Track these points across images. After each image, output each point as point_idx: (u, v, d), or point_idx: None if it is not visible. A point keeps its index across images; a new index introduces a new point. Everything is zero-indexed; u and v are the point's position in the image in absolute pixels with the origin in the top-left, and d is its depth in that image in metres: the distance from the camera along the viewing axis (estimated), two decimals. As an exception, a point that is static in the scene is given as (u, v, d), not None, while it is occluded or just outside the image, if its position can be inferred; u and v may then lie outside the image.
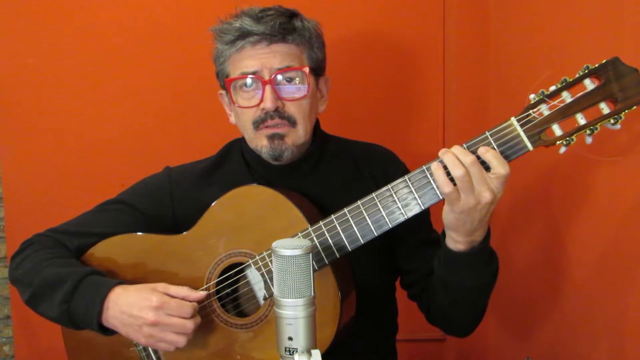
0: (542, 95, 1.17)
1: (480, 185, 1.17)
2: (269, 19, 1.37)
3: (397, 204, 1.25)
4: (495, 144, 1.19)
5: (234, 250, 1.37)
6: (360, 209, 1.27)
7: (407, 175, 1.24)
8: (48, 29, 1.99)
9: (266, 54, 1.37)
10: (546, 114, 1.16)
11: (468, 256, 1.27)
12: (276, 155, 1.40)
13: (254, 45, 1.38)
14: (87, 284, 1.33)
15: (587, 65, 1.14)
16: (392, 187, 1.25)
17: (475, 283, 1.32)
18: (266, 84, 1.36)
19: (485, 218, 1.22)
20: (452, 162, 1.17)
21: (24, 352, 2.13)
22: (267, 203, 1.35)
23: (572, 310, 1.59)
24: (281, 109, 1.38)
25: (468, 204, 1.18)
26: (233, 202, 1.38)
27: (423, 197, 1.23)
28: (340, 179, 1.50)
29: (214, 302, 1.38)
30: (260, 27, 1.36)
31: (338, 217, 1.28)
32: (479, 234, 1.25)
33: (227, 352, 1.37)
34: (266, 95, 1.36)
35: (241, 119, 1.43)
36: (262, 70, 1.37)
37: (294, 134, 1.40)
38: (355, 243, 1.28)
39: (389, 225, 1.26)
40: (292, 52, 1.39)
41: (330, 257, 1.29)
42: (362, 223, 1.27)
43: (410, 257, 1.50)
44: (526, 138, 1.17)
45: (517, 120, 1.18)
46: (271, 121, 1.38)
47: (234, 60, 1.41)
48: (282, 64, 1.37)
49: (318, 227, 1.29)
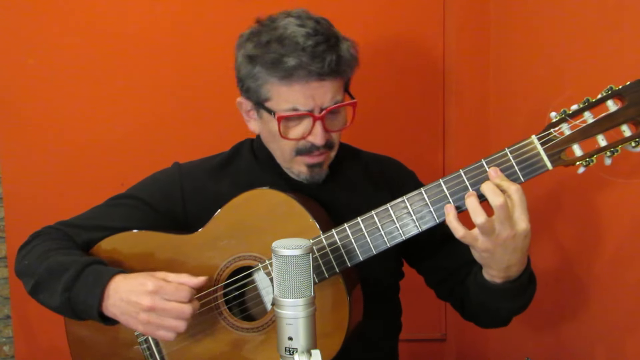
0: (564, 115, 1.15)
1: (501, 225, 1.13)
2: (323, 53, 1.30)
3: (412, 217, 1.23)
4: (514, 161, 1.17)
5: (244, 253, 1.36)
6: (374, 219, 1.25)
7: (424, 187, 1.23)
8: (48, 29, 1.99)
9: (318, 89, 1.33)
10: (567, 133, 1.15)
11: (503, 288, 1.25)
12: (315, 181, 1.42)
13: (307, 81, 1.31)
14: (89, 273, 1.31)
15: (610, 86, 1.13)
16: (408, 198, 1.23)
17: (512, 306, 1.32)
18: (317, 120, 1.34)
19: (516, 252, 1.17)
20: (493, 190, 1.13)
21: (24, 352, 2.13)
22: (280, 208, 1.33)
23: (572, 310, 1.59)
24: (328, 142, 1.38)
25: (487, 244, 1.15)
26: (245, 204, 1.37)
27: (439, 210, 1.21)
28: (351, 185, 1.49)
29: (221, 305, 1.36)
30: (316, 64, 1.30)
31: (351, 226, 1.27)
32: (516, 270, 1.22)
33: (232, 356, 1.36)
34: (317, 131, 1.34)
35: (280, 142, 1.39)
36: (314, 108, 1.34)
37: (329, 157, 1.42)
38: (367, 253, 1.26)
39: (403, 237, 1.24)
40: (339, 85, 1.37)
41: (342, 266, 1.27)
42: (375, 234, 1.25)
43: (434, 256, 1.47)
44: (546, 157, 1.16)
45: (537, 138, 1.16)
46: (317, 152, 1.37)
47: (281, 91, 1.34)
48: (332, 101, 1.34)
49: (330, 235, 1.28)
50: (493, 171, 1.17)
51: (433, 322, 2.15)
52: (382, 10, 2.03)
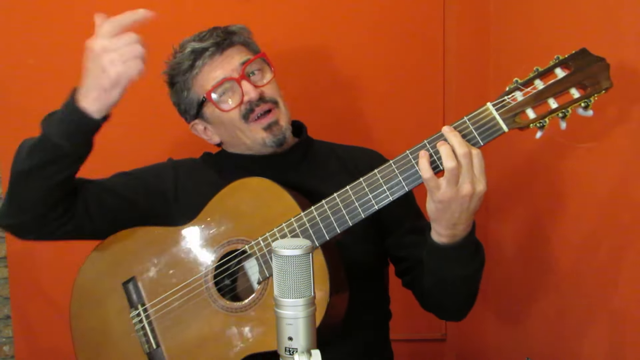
0: (516, 84, 1.24)
1: (464, 177, 1.21)
2: (209, 34, 1.51)
3: (383, 187, 1.29)
4: (472, 127, 1.25)
5: (231, 238, 1.43)
6: (349, 192, 1.32)
7: (392, 160, 1.29)
8: (48, 29, 1.99)
9: (224, 60, 1.50)
10: (520, 99, 1.24)
11: (452, 249, 1.30)
12: (280, 139, 1.50)
13: (211, 58, 1.50)
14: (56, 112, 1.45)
15: (557, 55, 1.23)
16: (379, 170, 1.30)
17: (461, 273, 1.34)
18: (240, 80, 1.47)
19: (467, 212, 1.24)
20: (447, 153, 1.22)
21: (24, 352, 2.13)
22: (264, 192, 1.41)
23: (572, 310, 1.60)
24: (262, 95, 1.48)
25: (448, 193, 1.21)
26: (232, 193, 1.45)
27: (408, 178, 1.28)
28: (327, 171, 1.56)
29: (211, 287, 1.42)
30: (208, 41, 1.49)
31: (328, 201, 1.34)
32: (462, 229, 1.28)
33: (222, 336, 1.41)
34: (246, 89, 1.47)
35: (227, 122, 1.51)
36: (229, 73, 1.48)
37: (282, 113, 1.51)
38: (343, 225, 1.33)
39: (375, 206, 1.30)
40: (243, 50, 1.53)
41: (321, 239, 1.33)
42: (350, 206, 1.32)
43: (400, 245, 1.52)
44: (502, 121, 1.24)
45: (492, 105, 1.25)
46: (258, 108, 1.48)
47: (199, 83, 1.52)
48: (241, 59, 1.50)
49: (309, 212, 1.35)
50: (447, 129, 1.25)
51: (433, 322, 2.14)
52: (382, 10, 2.04)
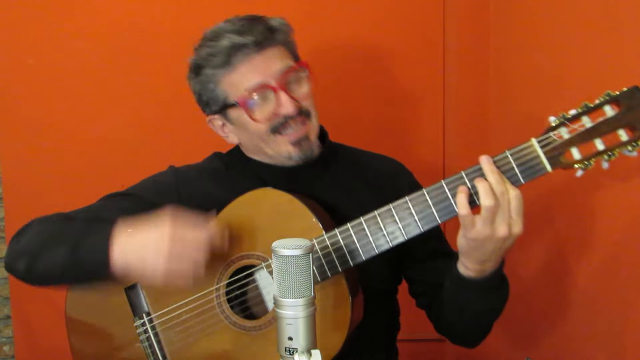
0: (562, 119, 1.18)
1: (501, 218, 1.17)
2: (250, 26, 1.35)
3: (414, 217, 1.23)
4: (514, 162, 1.19)
5: (247, 252, 1.35)
6: (377, 219, 1.25)
7: (426, 188, 1.24)
8: (48, 29, 1.99)
9: (263, 62, 1.35)
10: (566, 137, 1.18)
11: (476, 282, 1.26)
12: (308, 155, 1.40)
13: (249, 56, 1.35)
14: (94, 229, 1.29)
15: (608, 92, 1.16)
16: (410, 199, 1.24)
17: (482, 307, 1.32)
18: (278, 90, 1.34)
19: (499, 252, 1.21)
20: (486, 190, 1.16)
21: (24, 352, 2.13)
22: (283, 207, 1.33)
23: (572, 311, 1.59)
24: (299, 108, 1.37)
25: (483, 232, 1.17)
26: (248, 204, 1.37)
27: (441, 211, 1.22)
28: (350, 185, 1.48)
29: (223, 303, 1.36)
30: (249, 37, 1.33)
31: (354, 225, 1.27)
32: (491, 265, 1.24)
33: (234, 354, 1.36)
34: (283, 101, 1.34)
35: (253, 131, 1.40)
36: (267, 79, 1.35)
37: (313, 127, 1.41)
38: (370, 253, 1.27)
39: (405, 237, 1.25)
40: (283, 52, 1.38)
41: (344, 265, 1.27)
42: (377, 233, 1.26)
43: (420, 268, 1.48)
44: (546, 160, 1.18)
45: (537, 141, 1.19)
46: (292, 122, 1.37)
47: (231, 81, 1.37)
48: (282, 66, 1.36)
49: (333, 234, 1.28)
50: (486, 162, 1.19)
51: (433, 322, 2.15)
52: (382, 10, 2.03)
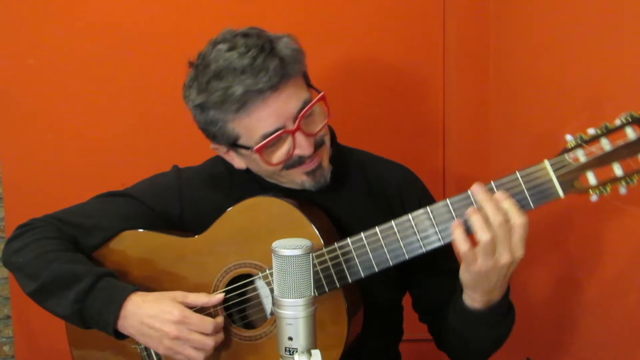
0: (579, 141, 1.08)
1: (502, 247, 1.10)
2: (263, 64, 1.22)
3: (416, 236, 1.19)
4: (525, 185, 1.11)
5: (244, 260, 1.34)
6: (378, 235, 1.21)
7: (430, 206, 1.18)
8: (48, 29, 1.99)
9: (279, 102, 1.25)
10: (582, 160, 1.08)
11: (483, 313, 1.23)
12: (321, 183, 1.35)
13: (264, 101, 1.23)
14: (103, 286, 1.30)
15: (630, 112, 1.06)
16: (413, 217, 1.19)
17: (488, 336, 1.30)
18: (294, 133, 1.27)
19: (504, 279, 1.16)
20: (480, 225, 1.10)
21: (24, 352, 2.13)
22: (283, 217, 1.30)
23: (572, 311, 1.59)
24: (315, 144, 1.31)
25: (486, 265, 1.12)
26: (248, 211, 1.34)
27: (444, 231, 1.17)
28: (357, 196, 1.43)
29: (220, 311, 1.35)
30: (262, 79, 1.21)
31: (354, 241, 1.23)
32: (498, 294, 1.20)
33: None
34: (301, 143, 1.27)
35: (265, 168, 1.33)
36: (284, 122, 1.26)
37: (326, 152, 1.36)
38: (369, 270, 1.23)
39: (406, 256, 1.20)
40: (297, 83, 1.28)
41: (342, 281, 1.25)
42: (378, 250, 1.21)
43: (425, 285, 1.45)
44: (558, 184, 1.09)
45: (550, 164, 1.10)
46: (309, 159, 1.31)
47: (245, 124, 1.27)
48: (299, 103, 1.26)
49: (332, 249, 1.24)
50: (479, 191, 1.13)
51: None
52: (383, 10, 2.03)
